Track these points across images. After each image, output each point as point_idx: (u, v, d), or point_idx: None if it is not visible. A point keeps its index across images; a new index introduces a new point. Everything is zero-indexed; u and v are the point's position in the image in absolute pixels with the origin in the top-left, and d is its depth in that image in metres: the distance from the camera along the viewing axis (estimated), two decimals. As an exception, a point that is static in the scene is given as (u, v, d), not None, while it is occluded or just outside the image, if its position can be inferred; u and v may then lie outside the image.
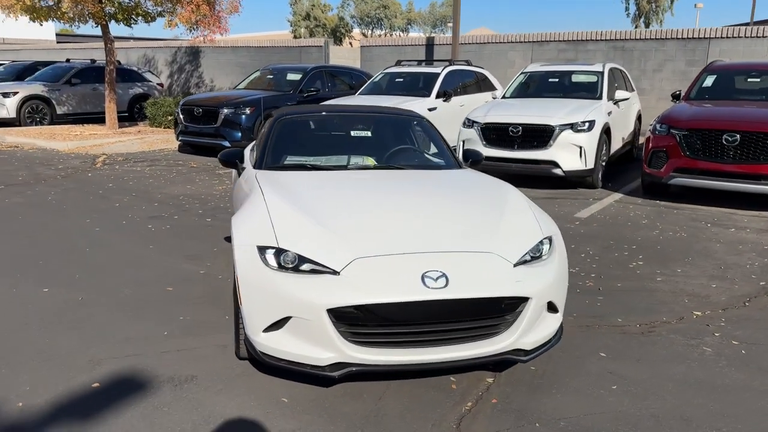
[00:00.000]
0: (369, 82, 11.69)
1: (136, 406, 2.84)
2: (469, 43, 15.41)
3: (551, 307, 3.17)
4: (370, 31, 63.27)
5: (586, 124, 8.28)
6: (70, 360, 3.30)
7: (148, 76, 18.05)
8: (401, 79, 11.24)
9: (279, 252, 2.92)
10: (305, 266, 2.87)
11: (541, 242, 3.23)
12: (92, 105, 16.09)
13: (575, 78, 9.90)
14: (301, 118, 4.79)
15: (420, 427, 2.74)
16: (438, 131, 4.80)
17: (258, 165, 4.19)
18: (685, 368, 3.37)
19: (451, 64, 11.46)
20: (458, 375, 3.18)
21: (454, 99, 10.82)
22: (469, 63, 12.24)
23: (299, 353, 2.82)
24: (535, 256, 3.15)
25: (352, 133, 4.66)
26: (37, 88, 15.46)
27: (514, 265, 3.01)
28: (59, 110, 15.68)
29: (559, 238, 3.38)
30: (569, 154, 8.24)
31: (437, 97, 10.52)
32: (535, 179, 8.87)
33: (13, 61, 19.81)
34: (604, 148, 8.81)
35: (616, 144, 9.50)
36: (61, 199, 7.39)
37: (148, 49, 21.47)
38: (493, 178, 4.18)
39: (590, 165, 8.33)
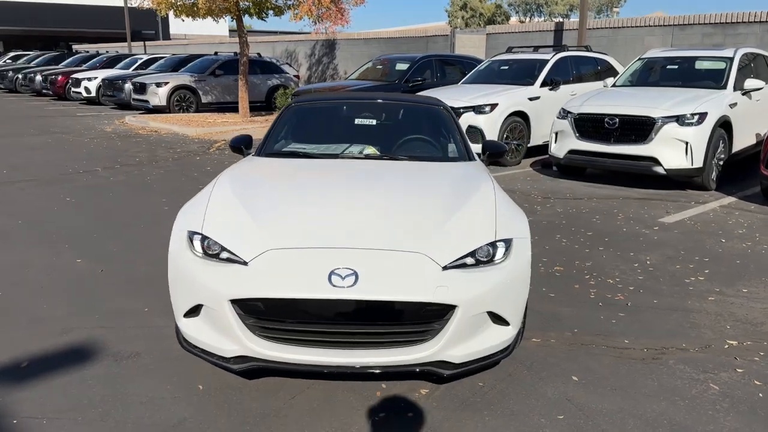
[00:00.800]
0: (474, 70, 11.29)
1: (66, 376, 3.00)
2: (602, 28, 14.25)
3: (498, 319, 2.81)
4: (528, 19, 61.16)
5: (696, 117, 7.30)
6: (46, 325, 3.57)
7: (285, 68, 19.07)
8: (506, 67, 10.72)
9: (204, 239, 2.90)
10: (223, 254, 2.82)
11: (492, 245, 2.87)
12: (234, 95, 17.31)
13: (698, 65, 8.72)
14: (313, 105, 4.72)
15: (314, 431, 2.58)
16: (456, 121, 4.48)
17: (257, 151, 4.21)
18: (666, 406, 2.82)
19: (563, 50, 10.69)
20: (391, 382, 2.95)
21: (565, 88, 10.11)
22: (588, 48, 11.34)
23: (209, 342, 2.79)
24: (480, 260, 2.81)
25: (357, 121, 4.51)
26: (185, 79, 17.01)
27: (444, 268, 2.71)
28: (204, 99, 17.11)
29: (521, 243, 2.98)
30: (672, 150, 7.33)
31: (543, 85, 9.89)
32: (637, 178, 7.99)
33: (173, 54, 21.98)
34: (722, 145, 7.68)
35: (743, 141, 8.26)
36: (156, 179, 8.06)
37: (290, 42, 22.68)
38: (484, 173, 3.79)
39: (698, 164, 7.33)
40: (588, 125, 7.91)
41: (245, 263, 2.73)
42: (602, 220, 6.18)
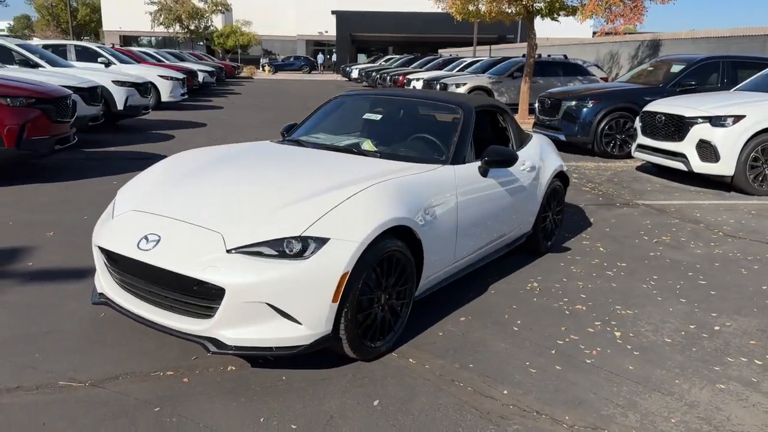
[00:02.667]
0: (756, 75, 9.06)
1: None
2: None
3: (285, 314, 2.70)
4: None
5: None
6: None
7: (592, 70, 18.11)
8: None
9: (114, 202, 3.47)
10: (113, 211, 3.35)
11: (303, 240, 2.74)
12: (531, 97, 17.33)
13: None
14: (348, 99, 4.77)
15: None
16: (466, 125, 4.00)
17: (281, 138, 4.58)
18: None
19: None
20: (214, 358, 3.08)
21: None
22: None
23: (97, 280, 3.36)
24: (285, 252, 2.72)
25: (367, 116, 4.43)
26: (483, 80, 17.68)
27: (228, 251, 2.74)
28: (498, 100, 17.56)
29: (342, 246, 2.74)
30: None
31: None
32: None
33: (493, 57, 22.86)
34: None
35: None
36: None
37: (614, 44, 21.24)
38: (412, 175, 3.37)
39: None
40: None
41: (112, 218, 3.24)
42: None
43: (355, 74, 34.85)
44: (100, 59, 14.87)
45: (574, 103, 10.27)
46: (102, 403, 2.59)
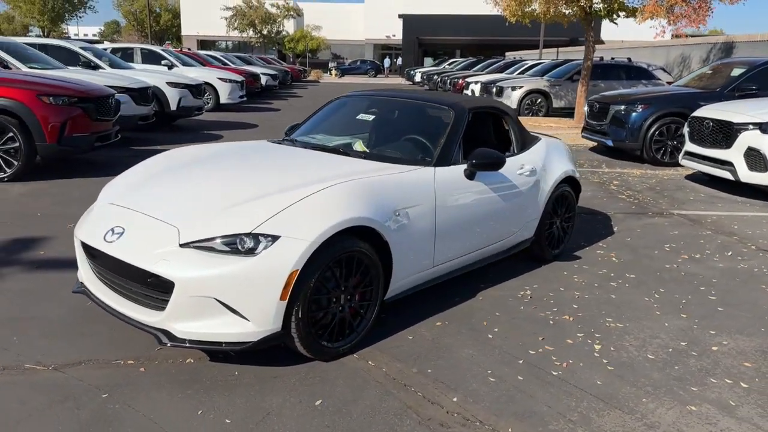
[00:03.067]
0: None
1: None
2: None
3: (233, 310, 2.74)
4: None
5: None
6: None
7: (657, 73, 17.36)
8: None
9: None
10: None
11: (247, 236, 2.77)
12: (589, 101, 16.83)
13: None
14: (348, 99, 4.76)
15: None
16: (454, 128, 3.92)
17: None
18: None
19: None
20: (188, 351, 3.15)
21: None
22: None
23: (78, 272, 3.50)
24: (237, 248, 2.76)
25: (360, 117, 4.41)
26: (540, 83, 17.30)
27: (182, 245, 2.81)
28: (555, 104, 17.10)
29: (293, 244, 2.75)
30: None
31: None
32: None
33: (554, 60, 22.30)
34: None
35: None
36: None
37: (686, 47, 20.26)
38: (381, 176, 3.33)
39: None
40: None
41: (92, 210, 3.39)
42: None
43: (417, 78, 34.88)
44: (163, 62, 15.55)
45: (622, 107, 9.86)
46: (57, 387, 2.71)
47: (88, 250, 3.17)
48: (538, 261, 4.68)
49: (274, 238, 2.76)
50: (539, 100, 17.14)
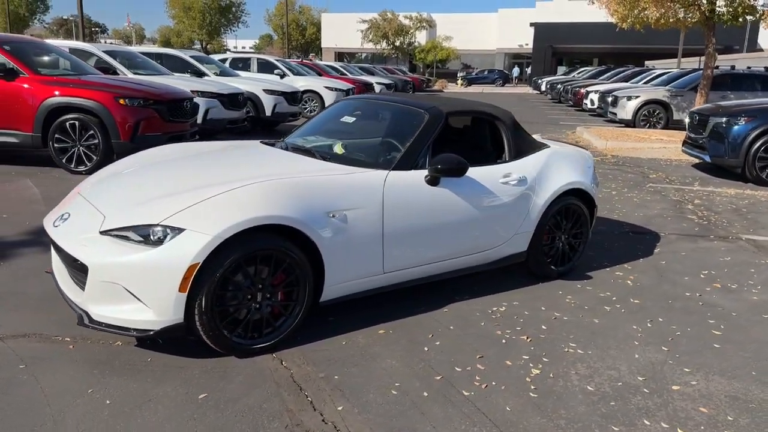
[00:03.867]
0: None
1: None
2: None
3: (136, 297, 2.87)
4: None
5: None
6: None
7: (803, 84, 15.39)
8: None
9: None
10: None
11: (157, 227, 2.87)
12: (717, 113, 15.33)
13: None
14: (342, 103, 4.72)
15: None
16: (422, 132, 3.78)
17: None
18: None
19: None
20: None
21: None
22: None
23: None
24: (149, 238, 2.89)
25: (343, 119, 4.36)
26: (659, 93, 16.05)
27: (102, 232, 2.97)
28: (676, 116, 15.76)
29: (194, 237, 2.81)
30: None
31: None
32: None
33: (682, 69, 20.52)
34: None
35: None
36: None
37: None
38: (306, 178, 3.28)
39: None
40: None
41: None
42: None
43: (543, 87, 33.84)
44: (275, 71, 16.49)
45: (723, 119, 8.88)
46: (-10, 354, 3.00)
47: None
48: (537, 277, 4.36)
49: (179, 231, 2.85)
50: (657, 111, 15.91)
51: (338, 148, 4.14)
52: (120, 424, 2.48)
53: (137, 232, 2.90)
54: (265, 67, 16.81)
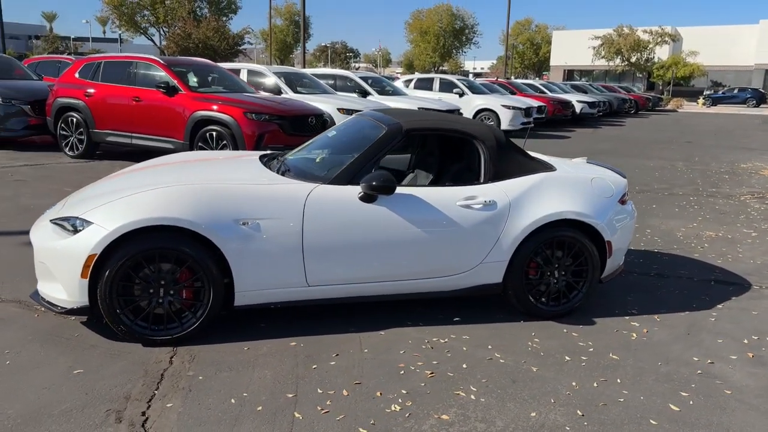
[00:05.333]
0: None
1: None
2: None
3: (56, 279, 3.34)
4: None
5: None
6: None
7: None
8: None
9: None
10: None
11: (77, 219, 3.30)
12: None
13: None
14: (359, 119, 4.62)
15: None
16: (374, 146, 3.70)
17: None
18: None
19: None
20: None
21: None
22: None
23: None
24: (73, 227, 3.27)
25: (329, 133, 4.37)
26: None
27: (51, 221, 3.44)
28: None
29: (97, 231, 3.16)
30: None
31: None
32: None
33: None
34: None
35: None
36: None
37: None
38: (218, 185, 3.46)
39: None
40: None
41: None
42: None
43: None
44: (455, 90, 16.77)
45: None
46: (-22, 313, 3.71)
47: None
48: (529, 315, 3.90)
49: (89, 224, 3.23)
50: None
51: (317, 161, 4.21)
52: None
53: (68, 222, 3.35)
54: (447, 86, 17.16)
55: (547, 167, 4.04)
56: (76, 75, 9.69)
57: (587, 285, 3.94)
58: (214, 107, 8.40)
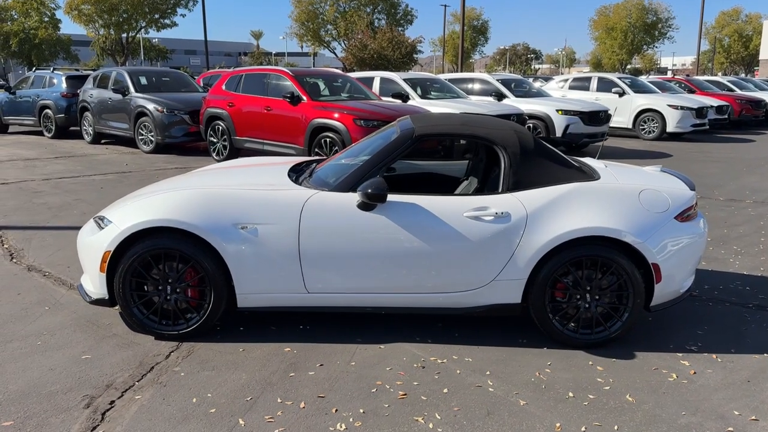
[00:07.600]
0: None
1: None
2: None
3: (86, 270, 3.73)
4: None
5: None
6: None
7: None
8: None
9: None
10: None
11: (105, 218, 3.60)
12: None
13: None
14: (401, 123, 4.39)
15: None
16: (381, 152, 3.52)
17: None
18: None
19: None
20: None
21: None
22: None
23: None
24: (106, 224, 3.69)
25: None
26: None
27: (93, 218, 3.86)
28: None
29: (112, 229, 3.44)
30: None
31: None
32: None
33: None
34: None
35: None
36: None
37: None
38: (225, 190, 3.54)
39: None
40: None
41: None
42: None
43: None
44: (614, 89, 15.53)
45: None
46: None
47: None
48: (556, 342, 3.48)
49: (110, 222, 3.54)
50: None
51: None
52: (17, 343, 3.31)
53: (101, 220, 3.71)
54: (606, 86, 15.94)
55: (588, 176, 3.56)
56: (223, 87, 10.67)
57: (628, 313, 3.40)
58: (335, 115, 8.70)
